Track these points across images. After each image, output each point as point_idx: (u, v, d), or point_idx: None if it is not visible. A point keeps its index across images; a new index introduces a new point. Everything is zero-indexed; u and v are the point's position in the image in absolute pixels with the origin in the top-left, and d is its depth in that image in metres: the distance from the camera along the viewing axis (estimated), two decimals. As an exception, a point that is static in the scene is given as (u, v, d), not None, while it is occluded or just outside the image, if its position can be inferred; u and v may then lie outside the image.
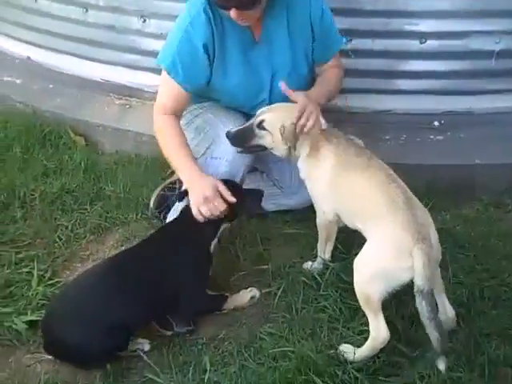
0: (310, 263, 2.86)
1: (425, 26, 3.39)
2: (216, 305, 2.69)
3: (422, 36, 3.41)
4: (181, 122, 2.92)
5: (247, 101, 2.89)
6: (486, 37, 3.39)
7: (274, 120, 2.63)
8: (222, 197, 2.59)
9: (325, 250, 2.82)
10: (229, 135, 2.69)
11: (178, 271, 2.54)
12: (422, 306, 2.17)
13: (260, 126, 2.63)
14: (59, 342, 2.36)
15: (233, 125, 2.80)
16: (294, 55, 2.84)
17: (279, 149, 2.67)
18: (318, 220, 2.76)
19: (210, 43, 2.71)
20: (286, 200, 3.20)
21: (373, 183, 2.42)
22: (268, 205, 3.17)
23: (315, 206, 2.74)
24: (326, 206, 2.66)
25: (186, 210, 2.66)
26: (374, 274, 2.28)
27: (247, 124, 2.69)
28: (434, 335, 2.18)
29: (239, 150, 2.74)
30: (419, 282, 2.16)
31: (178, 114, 2.83)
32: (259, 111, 2.69)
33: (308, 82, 2.92)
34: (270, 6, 2.72)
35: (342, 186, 2.54)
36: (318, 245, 2.83)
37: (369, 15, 3.41)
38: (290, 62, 2.84)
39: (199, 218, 2.59)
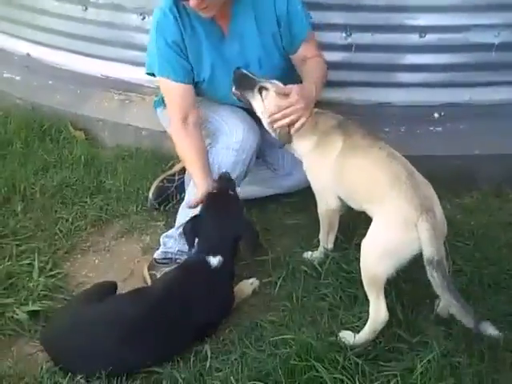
0: (310, 253, 2.88)
1: (424, 20, 3.40)
2: (230, 310, 2.64)
3: (422, 30, 3.41)
4: None
5: (226, 94, 2.86)
6: (485, 30, 3.38)
7: (275, 100, 2.64)
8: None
9: (327, 240, 2.82)
10: (236, 71, 2.72)
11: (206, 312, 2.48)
12: (433, 276, 2.17)
13: (260, 90, 2.66)
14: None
15: (231, 116, 2.87)
16: (264, 45, 2.86)
17: (263, 120, 2.71)
18: (319, 210, 2.77)
19: (180, 41, 2.78)
20: (282, 182, 3.23)
21: (375, 163, 2.44)
22: (265, 189, 3.22)
23: (317, 196, 2.75)
24: (329, 196, 2.67)
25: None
26: (381, 250, 2.28)
27: (255, 78, 2.70)
28: (453, 305, 2.18)
29: (233, 89, 2.75)
30: (428, 252, 2.16)
31: (189, 114, 2.82)
32: (273, 80, 2.71)
33: (283, 72, 2.93)
34: (236, 1, 2.77)
35: (347, 171, 2.54)
36: (321, 235, 2.84)
37: (369, 10, 3.41)
38: (260, 52, 2.87)
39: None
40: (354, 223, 2.90)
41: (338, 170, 2.56)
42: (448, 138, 3.46)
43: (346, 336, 2.38)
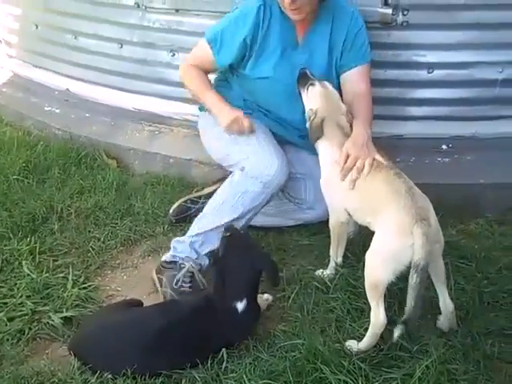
0: (321, 270, 3.08)
1: (432, 57, 3.64)
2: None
3: (430, 66, 3.65)
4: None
5: (281, 101, 3.14)
6: (489, 67, 3.60)
7: (317, 95, 2.92)
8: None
9: (337, 253, 3.05)
10: (301, 69, 2.98)
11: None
12: (412, 278, 2.37)
13: (308, 86, 2.94)
14: None
15: (269, 146, 3.04)
16: (330, 67, 3.09)
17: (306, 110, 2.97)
18: (330, 222, 3.00)
19: (250, 39, 3.02)
20: (303, 215, 3.41)
21: (381, 179, 2.70)
22: (286, 220, 3.43)
23: (329, 208, 2.99)
24: (339, 210, 2.91)
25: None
26: (381, 256, 2.50)
27: (312, 77, 2.95)
28: (409, 303, 2.40)
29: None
30: (416, 257, 2.37)
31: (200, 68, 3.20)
32: (324, 81, 2.97)
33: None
34: (318, 15, 3.01)
35: (357, 187, 2.77)
36: (331, 248, 3.06)
37: (382, 48, 3.65)
38: (323, 70, 3.07)
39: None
40: (364, 245, 3.10)
41: (349, 189, 2.80)
42: (455, 168, 3.65)
43: (352, 344, 2.57)
